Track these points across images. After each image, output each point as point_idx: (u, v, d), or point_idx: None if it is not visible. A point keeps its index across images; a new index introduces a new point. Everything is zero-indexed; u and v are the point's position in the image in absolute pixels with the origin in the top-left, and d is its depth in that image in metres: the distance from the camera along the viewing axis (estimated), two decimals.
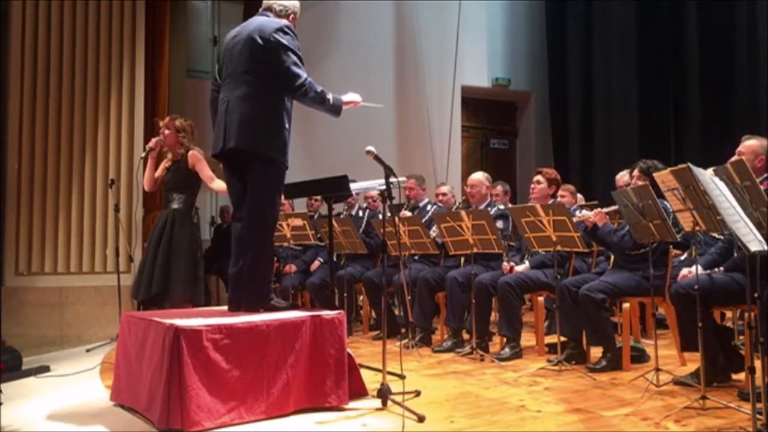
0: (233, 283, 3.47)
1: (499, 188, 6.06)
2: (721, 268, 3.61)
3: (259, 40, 3.37)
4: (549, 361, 4.23)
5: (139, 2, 6.13)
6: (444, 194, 6.17)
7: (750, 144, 3.64)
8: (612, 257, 4.66)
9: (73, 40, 5.90)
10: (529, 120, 10.08)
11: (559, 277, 4.36)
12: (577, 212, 4.62)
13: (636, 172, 4.30)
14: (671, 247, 4.24)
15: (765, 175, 3.56)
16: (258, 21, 3.49)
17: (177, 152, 4.66)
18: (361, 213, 6.22)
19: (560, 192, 5.60)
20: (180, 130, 4.64)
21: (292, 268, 6.12)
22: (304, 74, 3.40)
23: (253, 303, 3.42)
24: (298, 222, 5.78)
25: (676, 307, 3.70)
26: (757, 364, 2.80)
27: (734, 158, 3.62)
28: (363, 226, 6.00)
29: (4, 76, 5.71)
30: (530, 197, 4.93)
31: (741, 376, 3.54)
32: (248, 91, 3.36)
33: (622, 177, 5.63)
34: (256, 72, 3.38)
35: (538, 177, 4.96)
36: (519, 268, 4.75)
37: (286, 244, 5.91)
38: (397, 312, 5.66)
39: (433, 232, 5.08)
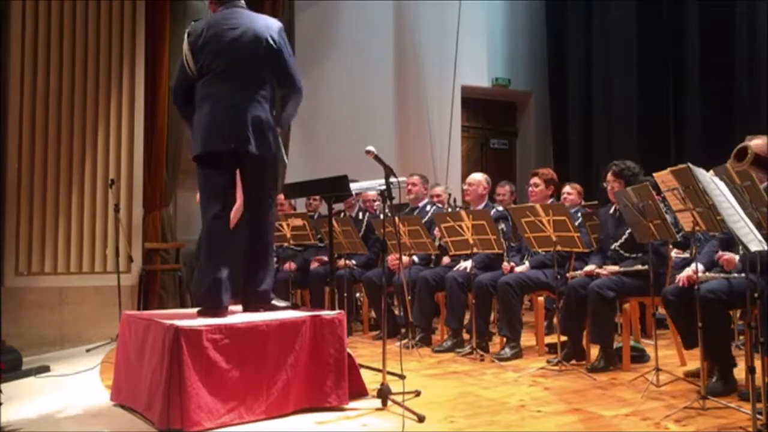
0: (244, 281, 3.47)
1: (507, 188, 6.04)
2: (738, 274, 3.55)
3: (272, 42, 3.39)
4: (548, 361, 4.23)
5: (139, 2, 6.13)
6: (438, 195, 6.19)
7: (756, 144, 3.58)
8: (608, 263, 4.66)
9: (73, 40, 5.89)
10: (529, 120, 10.08)
11: (558, 277, 4.36)
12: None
13: (610, 176, 4.29)
14: (671, 246, 4.25)
15: None
16: (259, 19, 3.47)
17: None
18: (361, 215, 6.15)
19: (567, 190, 5.60)
20: None
21: (291, 265, 6.10)
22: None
23: (262, 300, 3.44)
24: (298, 222, 5.78)
25: (669, 312, 3.72)
26: (757, 364, 2.80)
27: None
28: (363, 229, 5.95)
29: (4, 76, 5.71)
30: (530, 200, 4.94)
31: (741, 376, 3.53)
32: (260, 92, 3.38)
33: None
34: (267, 72, 3.41)
35: (535, 179, 4.97)
36: (519, 269, 4.75)
37: (286, 244, 5.91)
38: (396, 312, 5.65)
39: (437, 232, 5.06)
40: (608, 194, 4.40)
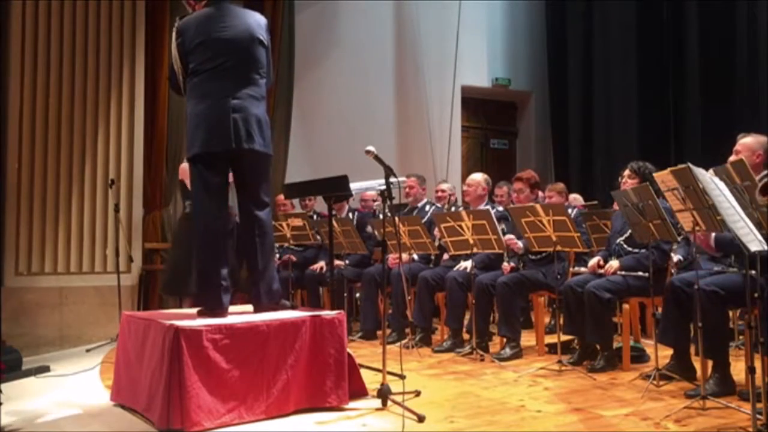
0: (254, 280, 3.48)
1: (506, 188, 6.03)
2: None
3: (264, 40, 3.44)
4: (559, 362, 4.14)
5: (139, 2, 6.13)
6: (443, 191, 6.16)
7: (746, 141, 3.68)
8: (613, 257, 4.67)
9: (73, 41, 5.89)
10: (529, 120, 10.08)
11: (558, 276, 4.36)
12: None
13: (628, 171, 4.31)
14: (671, 246, 4.25)
15: (765, 171, 3.57)
16: (248, 16, 3.47)
17: None
18: (350, 215, 6.09)
19: (547, 193, 5.59)
20: None
21: (291, 258, 6.08)
22: None
23: (274, 299, 3.47)
24: (298, 222, 5.77)
25: (667, 300, 3.72)
26: (757, 364, 2.80)
27: (734, 158, 3.63)
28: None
29: (4, 76, 5.71)
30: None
31: (741, 376, 3.53)
32: (258, 90, 3.41)
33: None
34: (262, 71, 3.45)
35: (519, 185, 4.95)
36: (513, 239, 4.72)
37: (286, 244, 5.90)
38: (390, 311, 5.61)
39: (437, 232, 5.05)
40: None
